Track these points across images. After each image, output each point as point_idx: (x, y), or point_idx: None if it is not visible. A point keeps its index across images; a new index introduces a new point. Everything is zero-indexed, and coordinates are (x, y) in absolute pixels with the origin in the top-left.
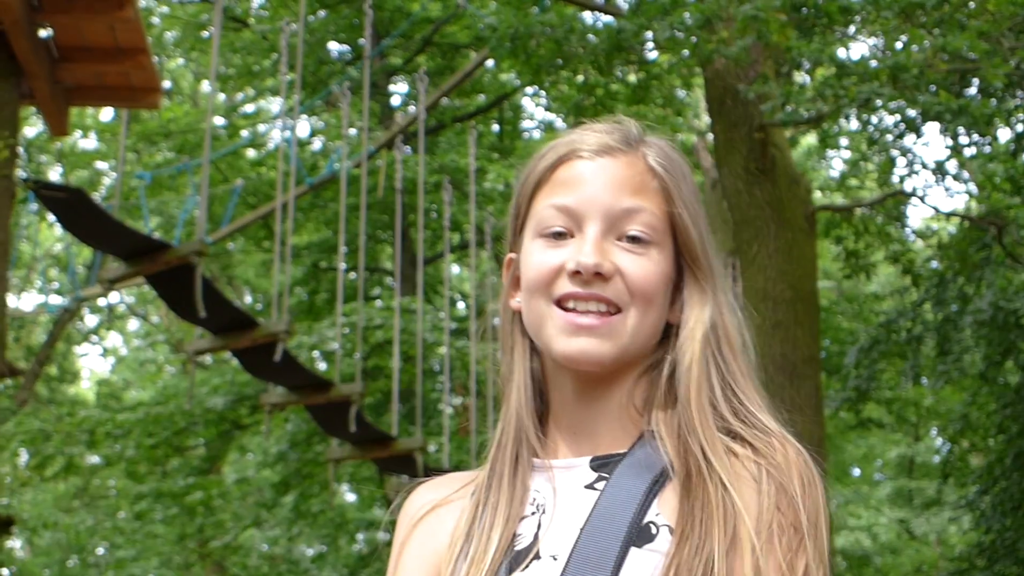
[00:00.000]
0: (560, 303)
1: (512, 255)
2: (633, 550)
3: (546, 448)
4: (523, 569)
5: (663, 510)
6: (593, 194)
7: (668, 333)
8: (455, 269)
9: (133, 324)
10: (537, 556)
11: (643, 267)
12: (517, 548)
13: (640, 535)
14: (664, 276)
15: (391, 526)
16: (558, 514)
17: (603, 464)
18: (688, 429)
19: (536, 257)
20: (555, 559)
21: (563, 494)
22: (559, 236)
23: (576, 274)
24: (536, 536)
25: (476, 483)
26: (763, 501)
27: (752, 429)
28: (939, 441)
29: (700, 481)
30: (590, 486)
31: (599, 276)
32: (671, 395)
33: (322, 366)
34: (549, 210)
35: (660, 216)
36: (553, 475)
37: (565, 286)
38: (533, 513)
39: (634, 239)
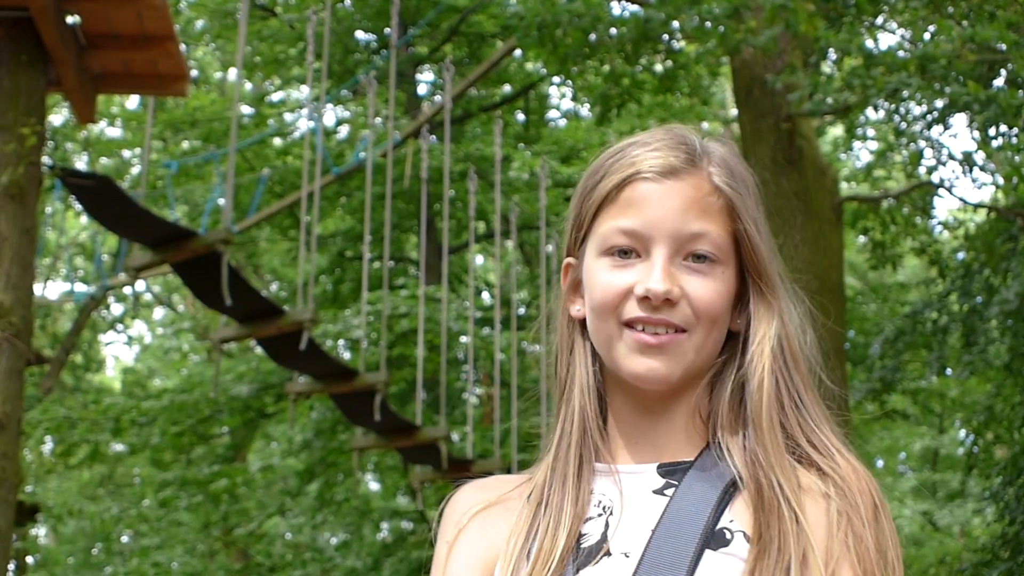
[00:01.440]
0: (629, 324)
1: (570, 260)
2: (708, 552)
3: (605, 454)
4: (593, 565)
5: (736, 517)
6: (660, 218)
7: (729, 340)
8: (479, 259)
9: (158, 313)
10: (607, 553)
11: (708, 289)
12: (584, 546)
13: (715, 539)
14: (729, 294)
15: (419, 525)
16: (627, 515)
17: (671, 471)
18: (759, 447)
19: (603, 277)
20: (627, 556)
21: (631, 497)
22: (624, 255)
23: (645, 299)
24: (604, 535)
25: (533, 485)
26: (831, 528)
27: (817, 452)
28: (963, 433)
29: (772, 496)
30: (659, 491)
31: (667, 302)
32: (736, 408)
33: (346, 355)
34: (614, 232)
35: (725, 235)
36: (619, 479)
37: (634, 310)
38: (600, 515)
39: (700, 257)
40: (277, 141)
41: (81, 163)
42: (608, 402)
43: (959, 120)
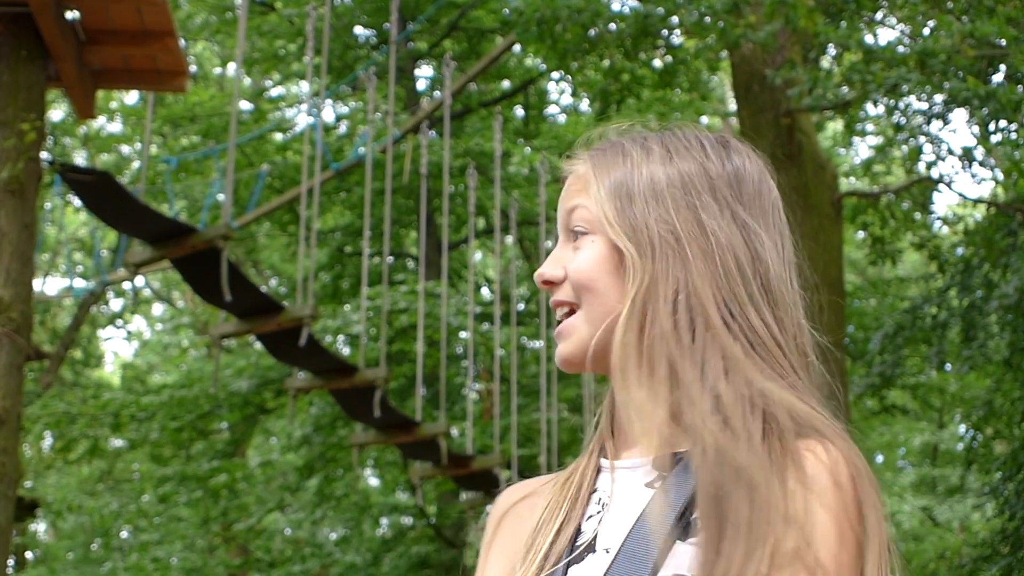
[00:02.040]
0: None
1: None
2: (678, 544)
3: (619, 447)
4: (580, 562)
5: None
6: (559, 204)
7: None
8: (479, 255)
9: (157, 309)
10: (592, 549)
11: (578, 260)
12: (579, 543)
13: (685, 529)
14: (601, 260)
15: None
16: (617, 511)
17: (664, 463)
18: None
19: None
20: (608, 551)
21: (624, 492)
22: None
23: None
24: (595, 532)
25: (555, 482)
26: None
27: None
28: (963, 428)
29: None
30: (650, 484)
31: (549, 284)
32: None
33: (345, 351)
34: None
35: (595, 205)
36: (617, 475)
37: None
38: (598, 512)
39: (575, 233)
40: (277, 137)
41: (80, 159)
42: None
43: (958, 115)
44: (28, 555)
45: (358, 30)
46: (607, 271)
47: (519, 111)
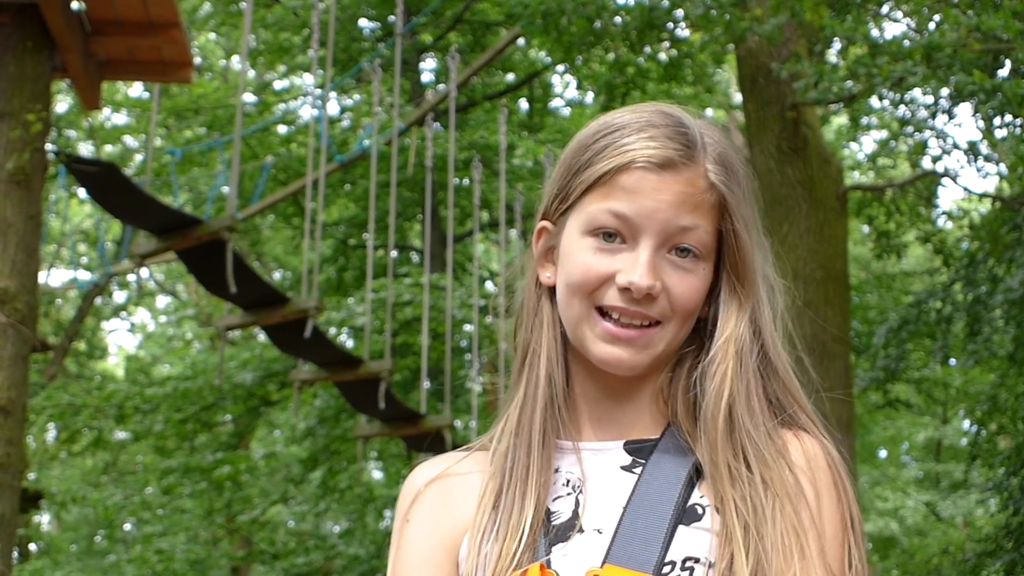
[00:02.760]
0: (602, 311)
1: (547, 225)
2: (681, 528)
3: (569, 428)
4: (566, 542)
5: (707, 494)
6: (653, 209)
7: (697, 326)
8: (482, 248)
9: (161, 301)
10: (580, 530)
11: (688, 286)
12: (555, 523)
13: (687, 514)
14: (704, 290)
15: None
16: (597, 493)
17: (637, 448)
18: (709, 439)
19: (584, 258)
20: (600, 532)
21: (599, 474)
22: (609, 238)
23: (626, 290)
24: (576, 512)
25: (495, 455)
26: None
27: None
28: (966, 423)
29: (730, 480)
30: (627, 468)
31: (648, 296)
32: (696, 395)
33: (349, 344)
34: (604, 213)
35: (712, 230)
36: (583, 456)
37: (613, 298)
38: (569, 493)
39: (684, 251)
40: (281, 129)
41: (85, 151)
42: (572, 376)
43: (964, 110)
44: (32, 547)
45: (363, 22)
46: (704, 297)
47: (524, 104)
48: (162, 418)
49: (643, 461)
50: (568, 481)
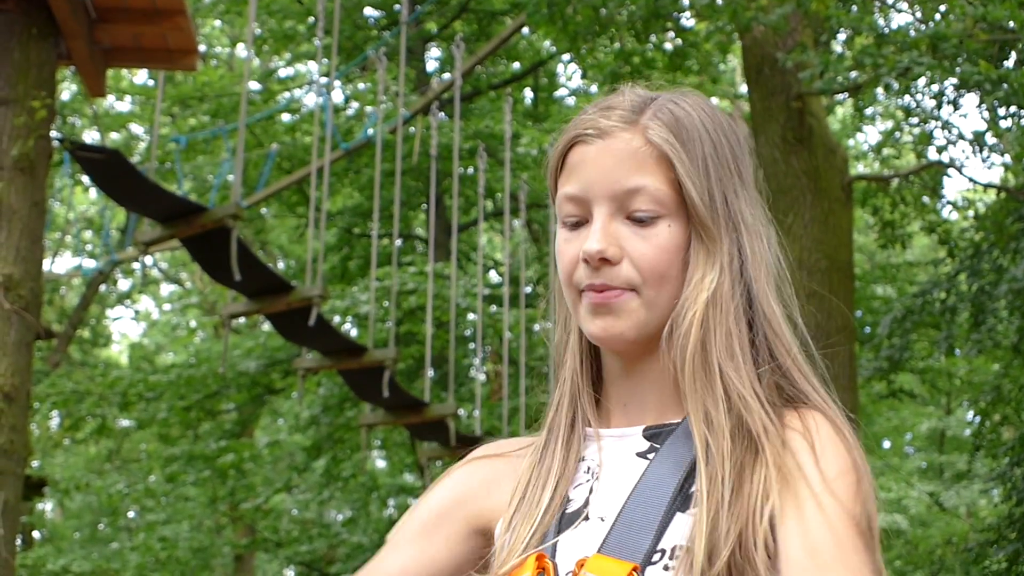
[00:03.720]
0: (584, 292)
1: None
2: (678, 515)
3: (600, 416)
4: (573, 529)
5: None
6: (595, 178)
7: None
8: (483, 239)
9: (165, 290)
10: (586, 518)
11: (651, 246)
12: (568, 511)
13: (685, 501)
14: (673, 249)
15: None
16: (609, 480)
17: (656, 434)
18: (685, 387)
19: (559, 248)
20: (603, 520)
21: (615, 461)
22: (576, 226)
23: (586, 262)
24: (587, 500)
25: (535, 448)
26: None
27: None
28: (970, 414)
29: (707, 425)
30: (642, 455)
31: (605, 262)
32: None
33: (353, 332)
34: (564, 200)
35: (666, 186)
36: (604, 443)
37: (582, 274)
38: (587, 481)
39: (640, 220)
40: (285, 117)
41: (90, 138)
42: (603, 365)
43: (969, 100)
44: (35, 534)
45: (368, 11)
46: (679, 258)
47: (528, 93)
48: (166, 406)
49: (659, 446)
50: (589, 468)
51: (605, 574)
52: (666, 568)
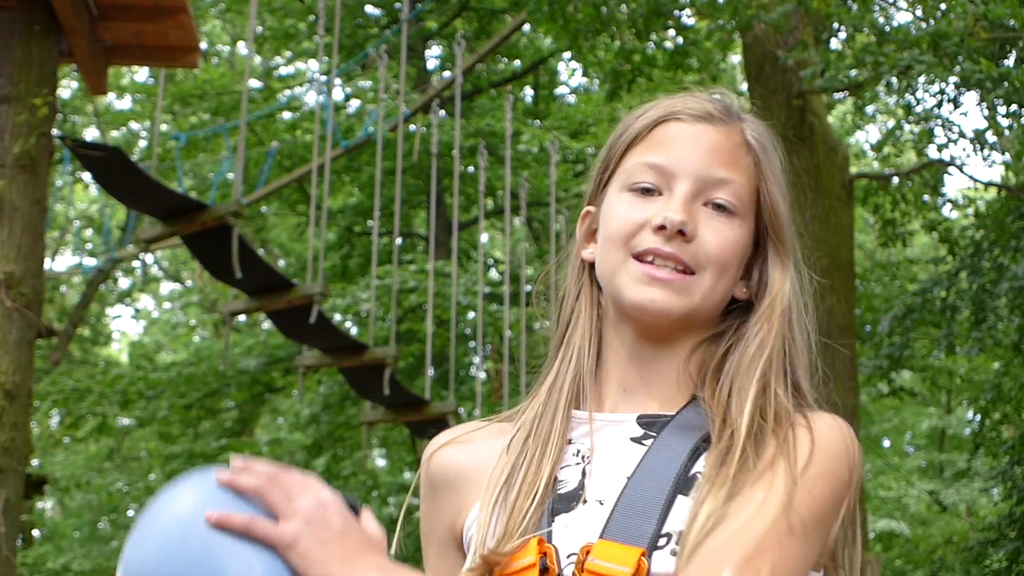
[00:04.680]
0: (639, 257)
1: (590, 208)
2: (680, 498)
3: (592, 401)
4: (569, 512)
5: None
6: (688, 156)
7: (731, 308)
8: (484, 237)
9: (165, 288)
10: (584, 501)
11: (724, 235)
12: (560, 492)
13: (687, 485)
14: (742, 247)
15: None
16: (604, 463)
17: (651, 422)
18: (740, 397)
19: (622, 209)
20: (601, 503)
21: (608, 445)
22: (647, 192)
23: (661, 229)
24: (581, 483)
25: (523, 423)
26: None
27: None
28: (970, 412)
29: (736, 444)
30: (637, 440)
31: (681, 235)
32: (724, 364)
33: (354, 331)
34: (641, 166)
35: (748, 190)
36: (595, 427)
37: (648, 240)
38: (577, 463)
39: (720, 207)
40: (286, 115)
41: (90, 135)
42: (604, 348)
43: (970, 98)
44: (35, 533)
45: (369, 9)
46: (739, 261)
47: (529, 91)
48: (166, 404)
49: (654, 434)
50: (578, 452)
51: (613, 560)
52: (673, 553)
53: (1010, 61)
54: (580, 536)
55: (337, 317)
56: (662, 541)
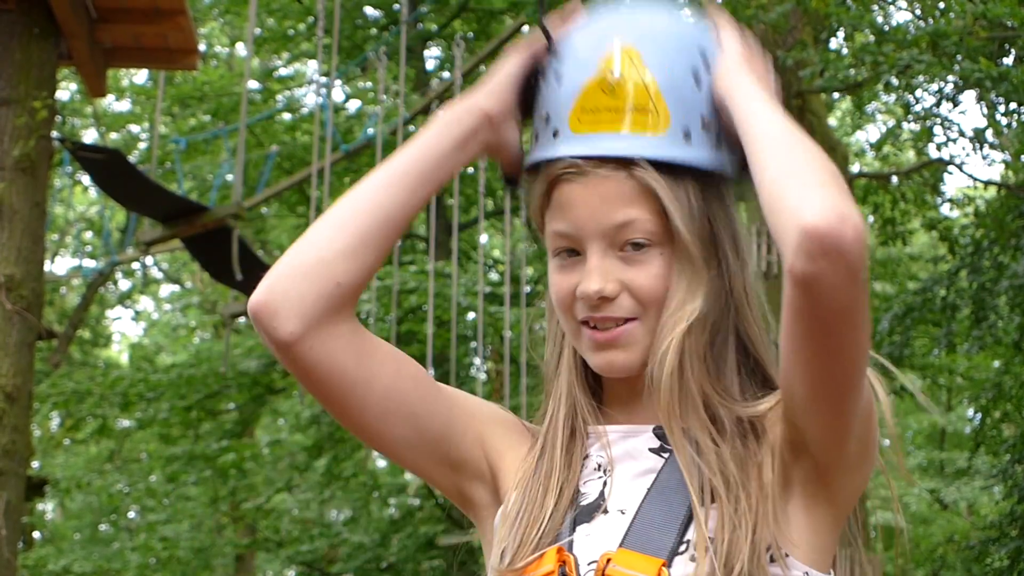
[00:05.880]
0: (584, 323)
1: None
2: (699, 509)
3: (600, 415)
4: (590, 522)
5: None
6: (586, 216)
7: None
8: (484, 238)
9: (165, 291)
10: (604, 511)
11: (648, 275)
12: (582, 504)
13: (706, 496)
14: (667, 275)
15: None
16: (623, 475)
17: (666, 434)
18: (663, 409)
19: (555, 278)
20: (623, 513)
21: (627, 457)
22: (571, 253)
23: (584, 299)
24: (602, 494)
25: (531, 449)
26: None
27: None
28: (971, 411)
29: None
30: (655, 451)
31: (604, 299)
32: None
33: None
34: (553, 236)
35: (654, 216)
36: (612, 439)
37: (581, 310)
38: (599, 477)
39: (637, 245)
40: (286, 117)
41: (89, 138)
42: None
43: (969, 97)
44: (36, 535)
45: (368, 10)
46: (670, 283)
47: None
48: (166, 406)
49: (670, 447)
50: (599, 465)
51: (634, 568)
52: (692, 559)
53: (1009, 60)
54: (600, 545)
55: None
56: (682, 548)
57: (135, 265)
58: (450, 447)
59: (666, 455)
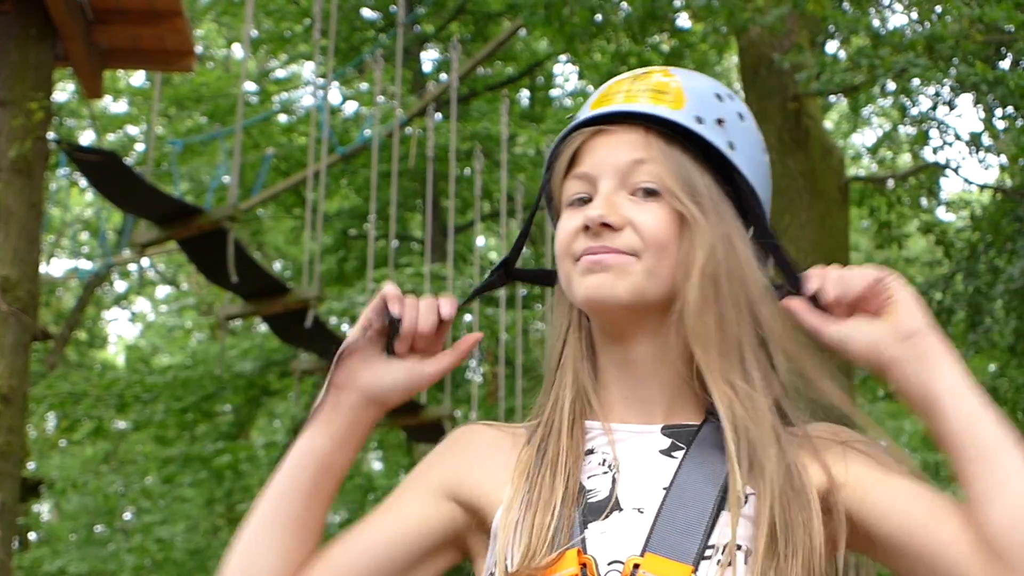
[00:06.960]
0: (580, 258)
1: None
2: (724, 514)
3: (601, 411)
4: (603, 519)
5: (749, 482)
6: (607, 155)
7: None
8: (480, 241)
9: (161, 292)
10: (619, 508)
11: (656, 216)
12: (591, 500)
13: (724, 499)
14: (673, 225)
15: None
16: (635, 473)
17: (676, 433)
18: (703, 343)
19: (561, 224)
20: (641, 512)
21: (635, 456)
22: (582, 202)
23: (587, 228)
24: (613, 491)
25: (531, 436)
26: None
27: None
28: None
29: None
30: (666, 452)
31: (607, 227)
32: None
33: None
34: (571, 181)
35: (668, 173)
36: (617, 437)
37: (580, 243)
38: (605, 473)
39: (648, 192)
40: (282, 118)
41: (86, 139)
42: (601, 362)
43: (965, 100)
44: (31, 536)
45: (365, 12)
46: (676, 236)
47: (525, 94)
48: (162, 407)
49: (682, 446)
50: (604, 461)
51: (665, 574)
52: (719, 563)
53: (1005, 63)
54: (619, 544)
55: (333, 321)
56: (708, 552)
57: (131, 267)
58: (432, 547)
59: (677, 455)
